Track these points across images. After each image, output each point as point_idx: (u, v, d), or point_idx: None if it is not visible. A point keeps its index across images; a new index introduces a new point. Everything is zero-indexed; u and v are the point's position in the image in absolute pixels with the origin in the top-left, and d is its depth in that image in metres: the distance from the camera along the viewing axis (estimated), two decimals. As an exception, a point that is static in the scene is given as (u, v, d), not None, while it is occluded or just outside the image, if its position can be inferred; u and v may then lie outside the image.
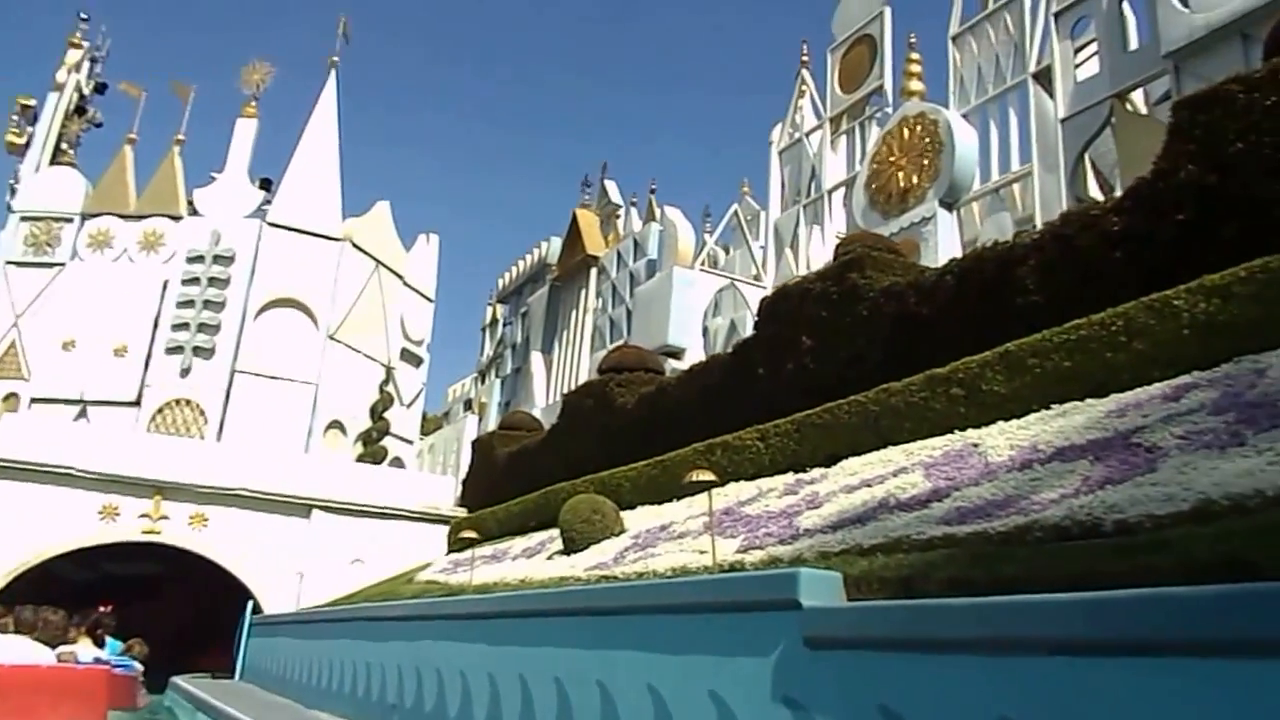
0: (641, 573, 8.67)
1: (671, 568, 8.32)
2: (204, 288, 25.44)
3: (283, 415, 24.73)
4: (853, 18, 28.30)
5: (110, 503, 19.98)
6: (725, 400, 13.75)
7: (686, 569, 8.06)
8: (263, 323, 25.64)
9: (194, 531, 20.43)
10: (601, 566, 10.08)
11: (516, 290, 42.33)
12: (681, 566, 8.23)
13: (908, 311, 10.72)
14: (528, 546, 15.10)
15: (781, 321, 12.89)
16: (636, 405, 16.04)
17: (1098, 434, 6.99)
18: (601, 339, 33.88)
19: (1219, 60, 15.97)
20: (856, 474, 9.64)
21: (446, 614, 9.30)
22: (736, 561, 7.44)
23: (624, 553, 10.54)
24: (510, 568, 13.51)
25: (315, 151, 27.32)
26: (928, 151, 23.61)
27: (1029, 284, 9.41)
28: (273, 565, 20.51)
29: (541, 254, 40.48)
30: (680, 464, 13.93)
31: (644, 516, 13.18)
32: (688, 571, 7.96)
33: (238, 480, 20.77)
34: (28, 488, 19.38)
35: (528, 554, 14.35)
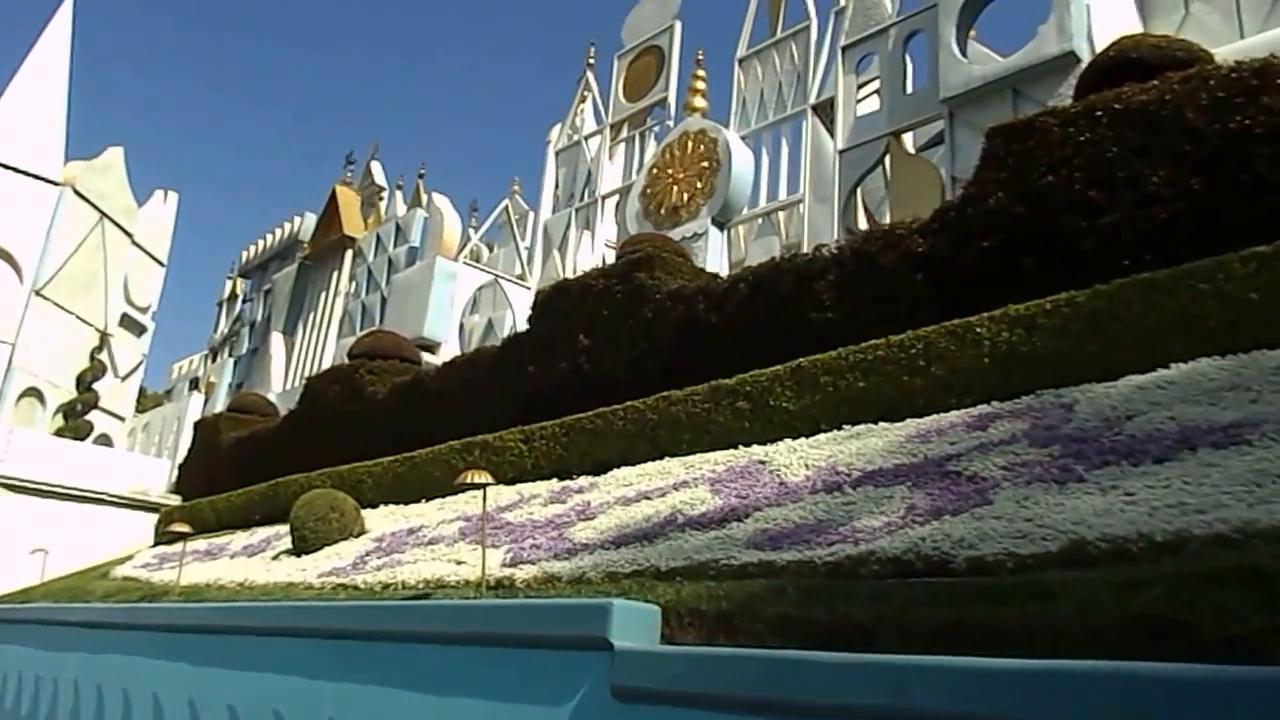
0: (387, 583, 7.41)
1: (424, 579, 7.12)
2: (-125, 217, 21.30)
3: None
4: (643, 27, 27.97)
5: None
6: (489, 397, 12.63)
7: (442, 582, 6.89)
8: (-50, 268, 21.79)
9: None
10: (338, 573, 8.69)
11: (261, 265, 39.03)
12: (436, 579, 7.05)
13: (695, 317, 10.08)
14: (250, 544, 13.28)
15: (558, 317, 11.94)
16: (389, 395, 14.57)
17: (904, 459, 6.50)
18: (351, 324, 31.67)
19: (990, 111, 16.60)
20: (631, 484, 8.81)
21: (140, 623, 7.61)
22: (505, 577, 6.37)
23: (365, 557, 9.19)
24: (227, 567, 11.72)
25: (38, 80, 23.52)
26: (705, 169, 23.51)
27: (826, 300, 8.98)
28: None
29: (293, 229, 37.55)
30: (433, 461, 12.68)
31: (389, 517, 11.81)
32: (444, 585, 6.80)
33: (-108, 445, 17.36)
34: None
35: (249, 552, 12.57)
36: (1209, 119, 7.47)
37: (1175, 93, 7.72)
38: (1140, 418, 5.71)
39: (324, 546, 10.74)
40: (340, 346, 31.89)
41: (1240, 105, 7.39)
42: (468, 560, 7.48)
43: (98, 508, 19.04)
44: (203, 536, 16.67)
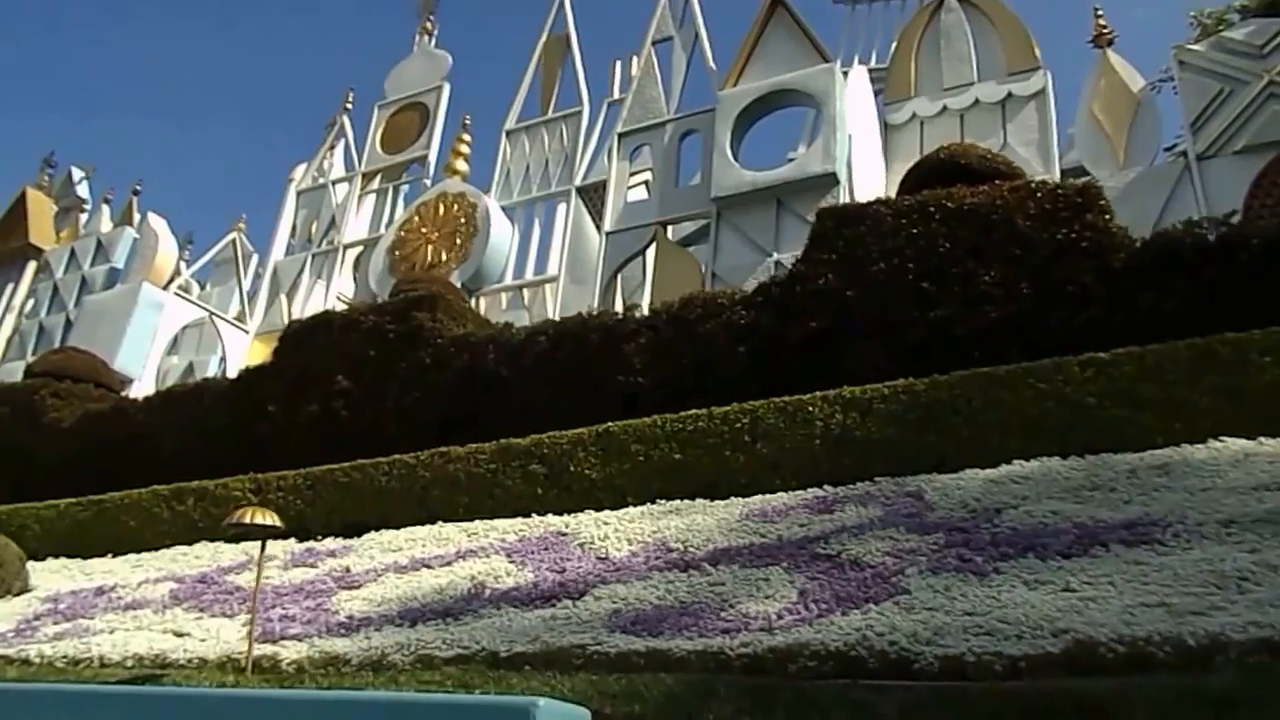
0: (77, 658, 5.54)
1: (135, 655, 5.36)
2: None
3: None
4: (409, 82, 26.85)
5: None
6: (214, 438, 10.66)
7: (165, 660, 5.19)
8: None
9: None
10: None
11: (-87, 266, 32.99)
12: (155, 655, 5.31)
13: (483, 368, 8.93)
14: None
15: (311, 353, 10.32)
16: (78, 425, 12.04)
17: (750, 538, 5.70)
18: (22, 346, 27.19)
19: (753, 216, 16.97)
20: (400, 549, 7.43)
21: None
22: (264, 656, 4.85)
23: (34, 621, 7.07)
24: None
25: None
26: (461, 233, 22.52)
27: (637, 363, 8.18)
28: None
29: (-40, 232, 32.16)
30: (131, 508, 10.45)
31: (62, 573, 9.47)
32: (168, 665, 5.11)
33: None
34: None
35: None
36: (1037, 227, 7.52)
37: (1006, 199, 7.75)
38: (1011, 511, 5.28)
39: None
40: (4, 371, 27.26)
41: (1066, 219, 7.51)
42: (192, 632, 5.79)
43: None
44: None
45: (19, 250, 29.31)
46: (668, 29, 20.80)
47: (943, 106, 20.83)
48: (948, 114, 20.56)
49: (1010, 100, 20.12)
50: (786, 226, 16.74)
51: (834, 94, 17.13)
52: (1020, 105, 20.11)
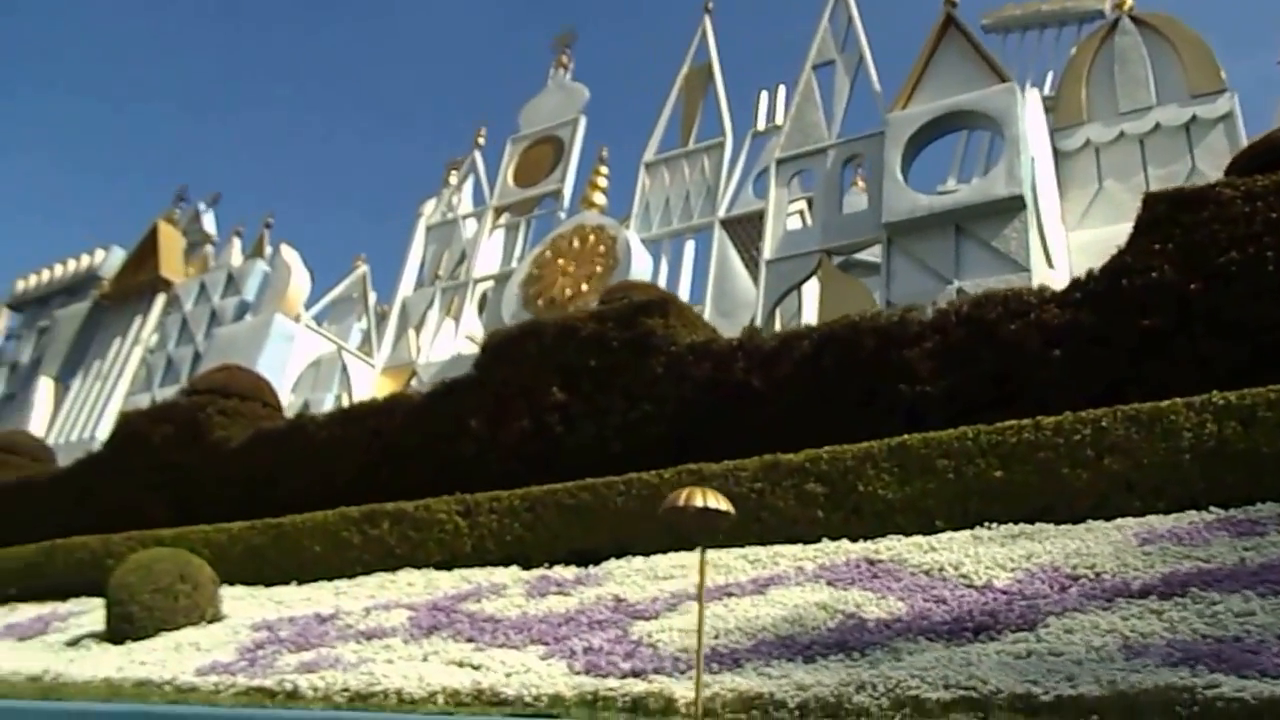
0: (363, 691, 4.54)
1: (445, 689, 4.34)
2: None
3: None
4: (544, 115, 26.47)
5: None
6: (406, 457, 9.80)
7: (497, 694, 4.16)
8: None
9: None
10: (227, 670, 5.64)
11: (42, 299, 33.50)
12: (477, 690, 4.28)
13: (728, 378, 7.89)
14: (14, 622, 9.54)
15: (517, 365, 9.40)
16: (249, 444, 11.31)
17: (1183, 563, 4.53)
18: (149, 379, 27.19)
19: (932, 242, 15.82)
20: (673, 577, 6.35)
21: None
22: (651, 693, 3.80)
23: (258, 651, 6.12)
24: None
25: None
26: (600, 265, 21.76)
27: (921, 370, 7.06)
28: None
29: (92, 263, 32.61)
30: (314, 532, 9.58)
31: (249, 601, 8.61)
32: (500, 699, 4.08)
33: None
34: None
35: (17, 634, 8.90)
36: None
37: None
38: None
39: (161, 632, 7.43)
40: (131, 403, 27.26)
41: None
42: (484, 664, 4.76)
43: None
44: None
45: (148, 283, 29.50)
46: (829, 52, 19.92)
47: (1120, 132, 19.56)
48: (1125, 139, 19.28)
49: (1195, 124, 18.77)
50: (967, 252, 15.58)
51: (1015, 114, 16.01)
52: (1206, 129, 18.74)
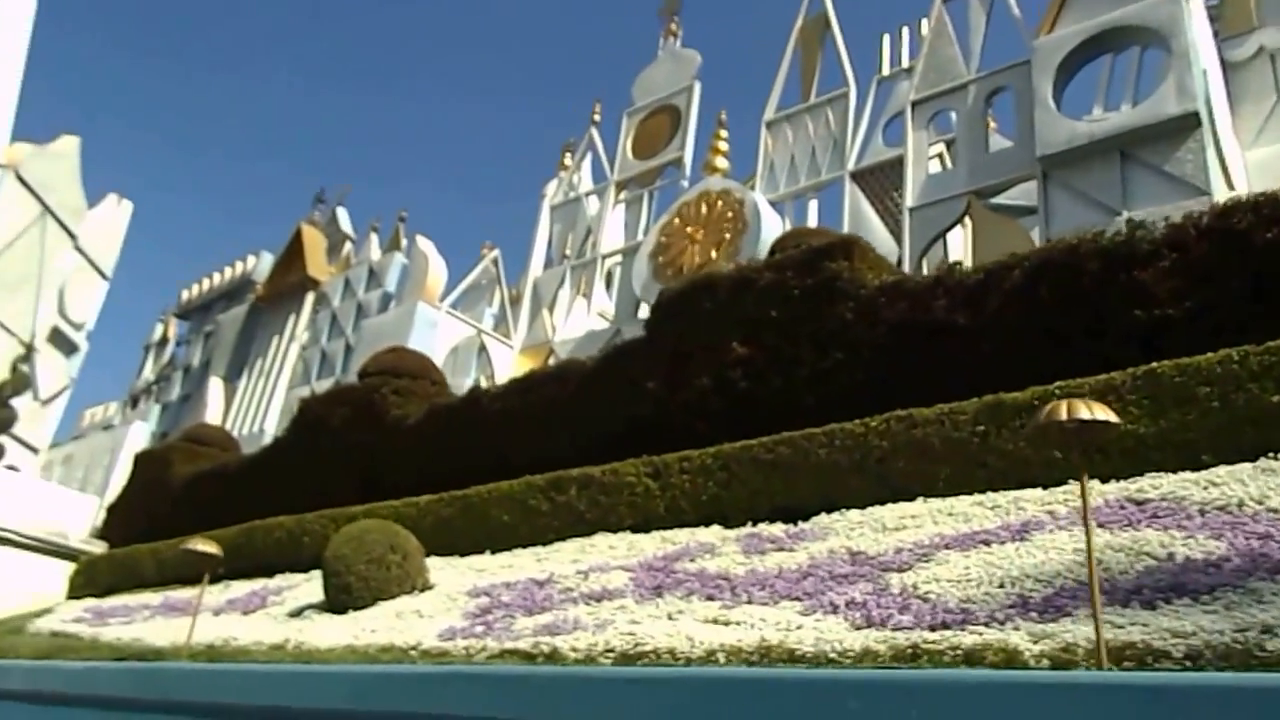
0: (626, 651, 4.23)
1: (728, 647, 3.99)
2: None
3: None
4: (658, 85, 25.92)
5: None
6: (581, 423, 9.56)
7: (789, 650, 3.78)
8: None
9: None
10: (465, 634, 5.43)
11: (205, 306, 34.96)
12: (764, 646, 3.92)
13: (927, 318, 7.33)
14: (235, 598, 9.71)
15: (691, 322, 9.04)
16: (424, 420, 11.29)
17: None
18: (307, 373, 27.99)
19: (1094, 173, 14.71)
20: (904, 529, 5.86)
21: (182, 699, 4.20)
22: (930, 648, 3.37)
23: (485, 616, 5.93)
24: (221, 625, 8.19)
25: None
26: (728, 230, 21.17)
27: (1159, 292, 6.36)
28: None
29: (246, 269, 33.81)
30: (501, 502, 9.45)
31: (450, 570, 8.50)
32: (801, 657, 3.71)
33: None
34: None
35: (240, 608, 9.02)
36: None
37: None
38: None
39: (378, 601, 7.39)
40: (291, 396, 28.12)
41: None
42: (743, 621, 4.39)
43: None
44: (137, 591, 12.90)
45: (297, 284, 30.35)
46: (960, -15, 18.84)
47: (1299, 35, 17.89)
48: (1306, 43, 17.65)
49: (1382, 20, 17.12)
50: (1136, 180, 14.42)
51: (1182, 24, 14.67)
52: (1393, 24, 17.05)
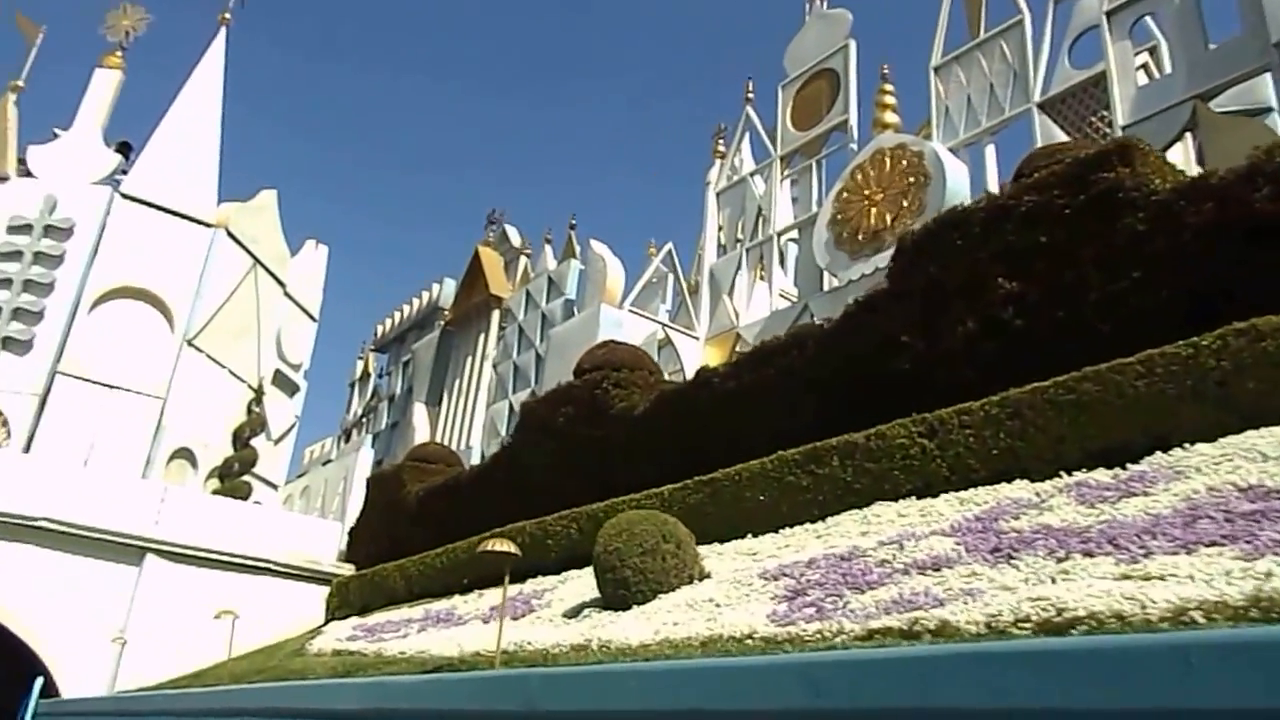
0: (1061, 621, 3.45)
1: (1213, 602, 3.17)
2: (27, 265, 18.40)
3: (116, 435, 17.84)
4: (810, 52, 24.76)
5: None
6: (826, 389, 8.81)
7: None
8: (101, 316, 18.74)
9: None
10: (800, 618, 4.77)
11: (399, 337, 36.15)
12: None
13: (1248, 215, 6.19)
14: (495, 605, 9.44)
15: (941, 264, 8.13)
16: (652, 410, 10.80)
17: None
18: (503, 388, 28.33)
19: (1341, 52, 12.78)
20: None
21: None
22: None
23: (799, 597, 5.27)
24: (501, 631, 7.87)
25: (191, 117, 20.97)
26: (909, 185, 19.85)
27: None
28: (83, 629, 13.76)
29: (433, 297, 34.68)
30: (750, 483, 8.80)
31: (717, 558, 7.91)
32: None
33: (44, 508, 14.06)
34: None
35: (508, 615, 8.71)
36: None
37: None
38: None
39: (658, 594, 6.86)
40: (492, 411, 28.57)
41: None
42: (1173, 573, 3.53)
43: (262, 579, 15.48)
44: (393, 608, 13.00)
45: (482, 304, 30.88)
46: (1140, -120, 16.97)
47: None
48: None
49: None
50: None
51: None
52: None
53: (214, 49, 22.30)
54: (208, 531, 15.44)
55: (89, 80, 21.31)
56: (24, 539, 14.05)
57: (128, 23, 22.04)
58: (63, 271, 18.88)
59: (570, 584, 9.25)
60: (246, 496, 18.28)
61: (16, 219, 19.13)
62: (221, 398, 20.21)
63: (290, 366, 22.61)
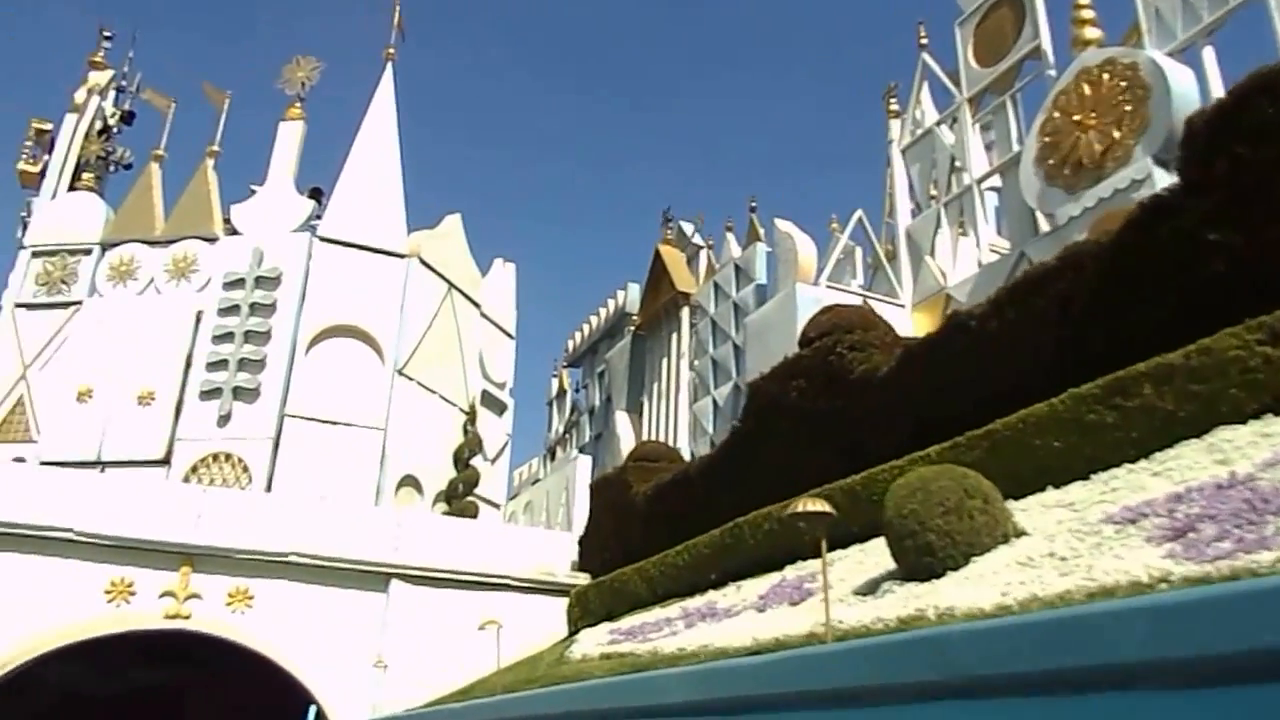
0: None
1: None
2: (245, 317, 19.45)
3: (345, 470, 18.48)
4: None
5: (122, 576, 13.76)
6: (1117, 310, 7.63)
7: None
8: (317, 356, 19.56)
9: (234, 614, 14.12)
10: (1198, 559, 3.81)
11: (590, 349, 36.30)
12: None
13: None
14: (762, 595, 8.74)
15: (1257, 142, 6.83)
16: (901, 368, 9.84)
17: None
18: (704, 385, 27.74)
19: None
20: None
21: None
22: None
23: (1175, 542, 4.27)
24: (771, 622, 7.19)
25: (372, 155, 21.69)
26: (1126, 102, 17.82)
27: None
28: (341, 656, 14.10)
29: (619, 304, 34.58)
30: (1042, 427, 7.72)
31: (1026, 510, 6.91)
32: None
33: (290, 543, 14.55)
34: (6, 559, 13.32)
35: (784, 601, 8.00)
36: None
37: None
38: None
39: (971, 558, 5.95)
40: (695, 410, 28.06)
41: None
42: None
43: (502, 595, 15.45)
44: (639, 611, 12.57)
45: (670, 303, 30.48)
46: None
47: None
48: None
49: None
50: None
51: None
52: None
53: (383, 84, 23.04)
54: (445, 553, 15.60)
55: (275, 134, 22.43)
56: (276, 574, 14.56)
57: (302, 74, 23.05)
58: (277, 319, 19.77)
59: (842, 564, 8.44)
60: (474, 517, 18.52)
61: (230, 275, 20.22)
62: (436, 423, 20.64)
63: (495, 385, 22.92)
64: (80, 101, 23.85)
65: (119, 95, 25.54)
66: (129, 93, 25.84)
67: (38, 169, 23.77)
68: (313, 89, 22.93)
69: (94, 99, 23.97)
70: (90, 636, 13.68)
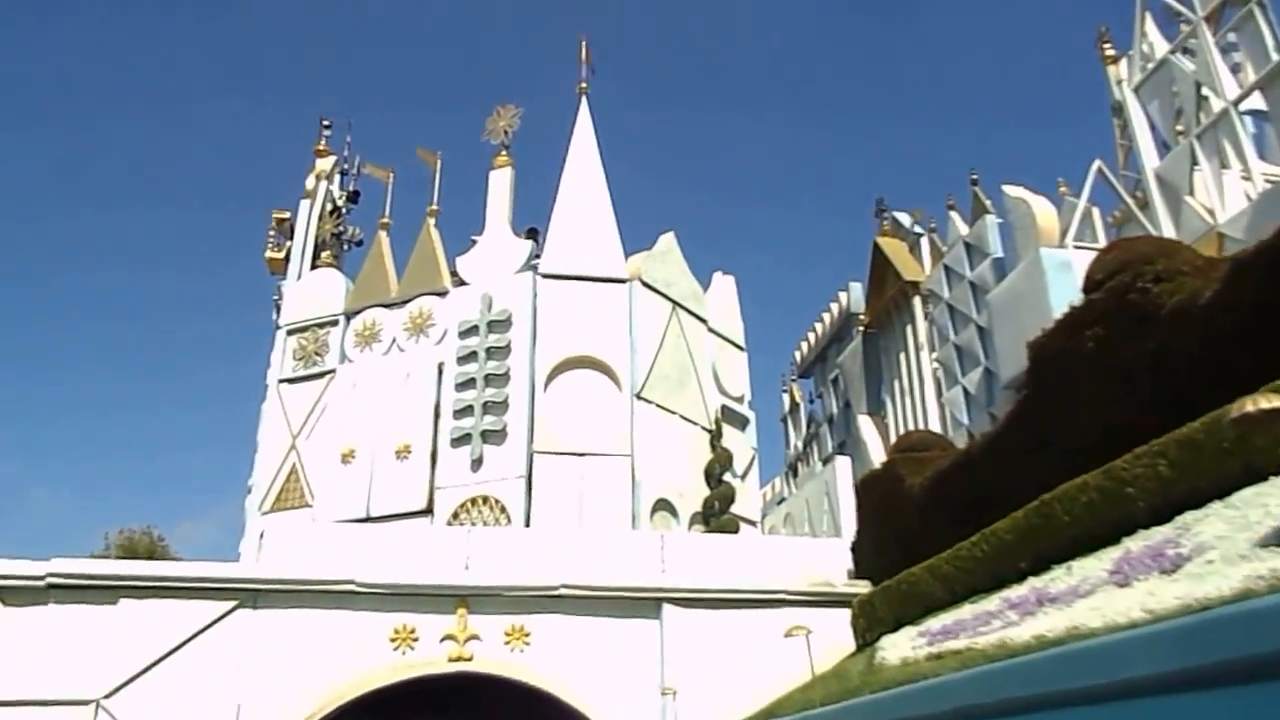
0: None
1: None
2: (483, 362, 19.91)
3: (598, 500, 18.41)
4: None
5: (404, 623, 14.06)
6: None
7: None
8: (556, 391, 19.70)
9: (514, 653, 14.09)
10: None
11: (819, 357, 35.20)
12: None
13: None
14: (1110, 569, 7.49)
15: None
16: (1231, 285, 8.35)
17: None
18: (950, 375, 26.05)
19: None
20: None
21: None
22: None
23: None
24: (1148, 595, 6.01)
25: (580, 187, 21.93)
26: None
27: None
28: (624, 687, 13.73)
29: (842, 307, 33.37)
30: None
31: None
32: None
33: (558, 576, 14.43)
34: (295, 615, 13.88)
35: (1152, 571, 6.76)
36: None
37: None
38: None
39: None
40: (944, 403, 26.37)
41: None
42: None
43: (775, 611, 14.62)
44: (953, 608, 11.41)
45: (897, 295, 29.03)
46: None
47: None
48: None
49: None
50: None
51: None
52: None
53: (581, 117, 23.38)
54: (713, 571, 15.04)
55: (487, 184, 23.17)
56: (548, 609, 14.43)
57: (504, 123, 23.79)
58: (513, 359, 20.12)
59: (1204, 523, 7.10)
60: (735, 534, 17.91)
61: (464, 323, 20.83)
62: (680, 443, 20.28)
63: (733, 399, 22.37)
64: (311, 188, 25.68)
65: (344, 177, 27.34)
66: (351, 174, 27.62)
67: (282, 254, 25.76)
68: (515, 134, 23.59)
69: (322, 183, 25.77)
70: (384, 685, 13.99)
